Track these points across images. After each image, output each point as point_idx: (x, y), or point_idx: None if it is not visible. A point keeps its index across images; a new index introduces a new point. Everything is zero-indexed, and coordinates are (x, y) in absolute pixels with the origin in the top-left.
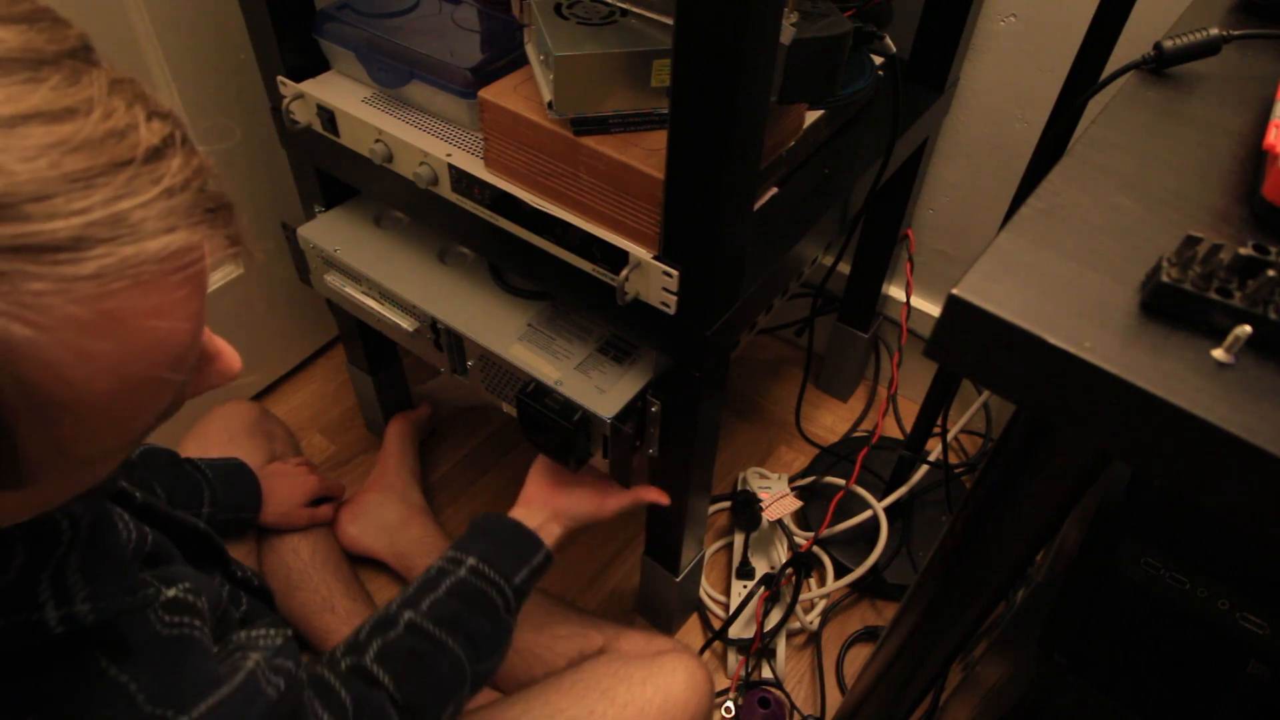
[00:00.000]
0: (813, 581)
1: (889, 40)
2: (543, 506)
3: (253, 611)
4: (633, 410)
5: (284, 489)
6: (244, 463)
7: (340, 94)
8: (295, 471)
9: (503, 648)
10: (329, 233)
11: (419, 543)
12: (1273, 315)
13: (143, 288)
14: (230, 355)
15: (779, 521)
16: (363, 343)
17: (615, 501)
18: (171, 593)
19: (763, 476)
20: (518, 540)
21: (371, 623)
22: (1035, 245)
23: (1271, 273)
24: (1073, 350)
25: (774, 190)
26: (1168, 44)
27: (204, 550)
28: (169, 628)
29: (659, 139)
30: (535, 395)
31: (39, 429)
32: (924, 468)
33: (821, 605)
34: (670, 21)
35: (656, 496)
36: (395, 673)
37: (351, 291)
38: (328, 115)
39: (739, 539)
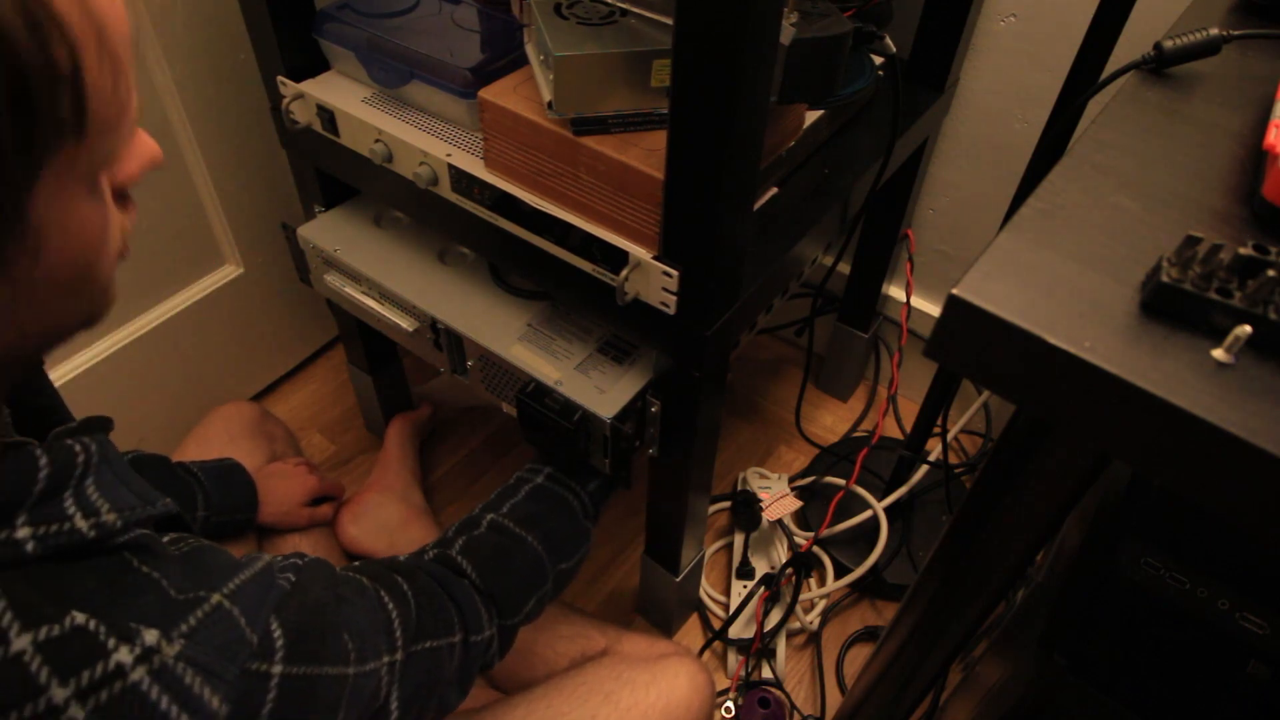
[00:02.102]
0: (813, 581)
1: (889, 40)
2: None
3: None
4: (633, 410)
5: (283, 488)
6: (238, 463)
7: (340, 94)
8: (295, 471)
9: (582, 549)
10: (329, 233)
11: (419, 543)
12: (1273, 315)
13: None
14: (147, 135)
15: (779, 521)
16: (363, 343)
17: None
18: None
19: (763, 476)
20: (578, 465)
21: (458, 524)
22: (1035, 245)
23: (1271, 273)
24: (1073, 350)
25: (774, 190)
26: (1168, 44)
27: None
28: (179, 546)
29: (659, 139)
30: (535, 395)
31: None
32: (924, 468)
33: (821, 605)
34: (670, 21)
35: None
36: (479, 563)
37: (351, 291)
38: (328, 115)
39: (739, 539)
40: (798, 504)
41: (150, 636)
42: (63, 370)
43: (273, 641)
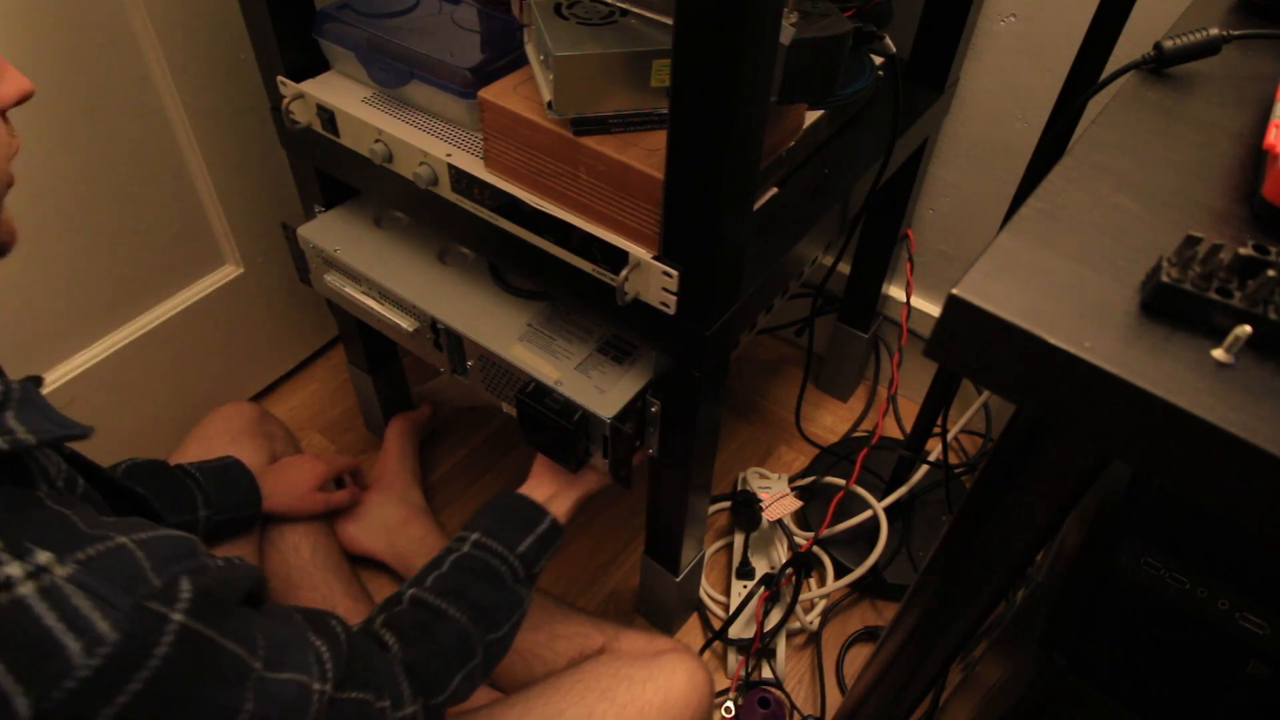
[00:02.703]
0: (813, 581)
1: (889, 40)
2: (552, 480)
3: None
4: (633, 410)
5: (291, 476)
6: (236, 460)
7: (340, 94)
8: (302, 459)
9: (515, 617)
10: (329, 233)
11: (419, 543)
12: (1273, 315)
13: None
14: (16, 70)
15: (779, 521)
16: (363, 343)
17: None
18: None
19: (763, 476)
20: (522, 511)
21: (381, 603)
22: (1035, 245)
23: (1271, 273)
24: (1073, 350)
25: (774, 190)
26: (1168, 44)
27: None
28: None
29: (659, 139)
30: (535, 395)
31: None
32: (924, 468)
33: (821, 605)
34: (670, 21)
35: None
36: (402, 637)
37: (351, 291)
38: (328, 115)
39: (739, 539)
40: (798, 504)
41: (44, 557)
42: (62, 370)
43: (177, 591)
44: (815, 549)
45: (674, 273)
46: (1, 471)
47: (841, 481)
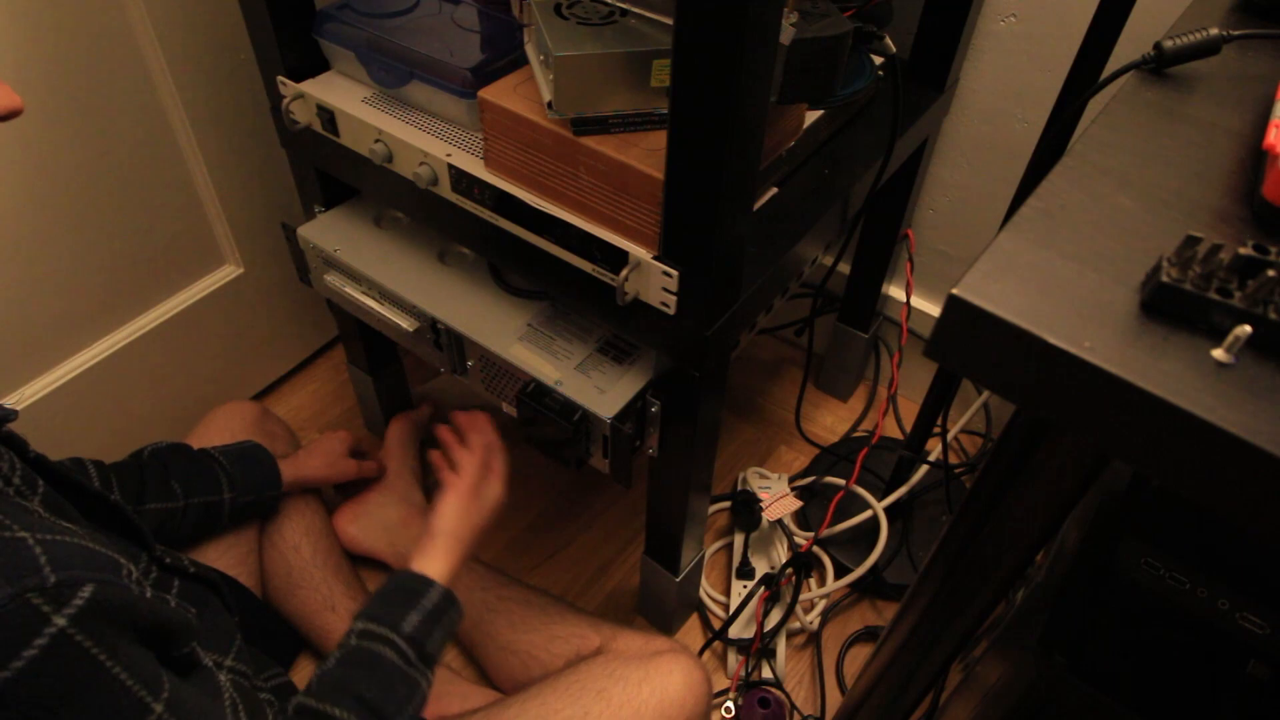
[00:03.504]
0: (813, 581)
1: (889, 40)
2: (440, 538)
3: (193, 598)
4: (633, 410)
5: (324, 444)
6: (257, 444)
7: (340, 94)
8: (328, 434)
9: (411, 704)
10: (329, 233)
11: (419, 542)
12: (1273, 315)
13: None
14: (7, 86)
15: (779, 521)
16: (363, 343)
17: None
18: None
19: (763, 476)
20: (405, 585)
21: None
22: (1035, 245)
23: (1271, 273)
24: (1073, 350)
25: (774, 190)
26: (1168, 44)
27: (119, 526)
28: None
29: (659, 139)
30: (535, 395)
31: None
32: (924, 468)
33: (821, 605)
34: (670, 21)
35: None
36: None
37: (351, 291)
38: (328, 115)
39: (739, 539)
40: (798, 504)
41: None
42: (62, 370)
43: (71, 596)
44: (815, 549)
45: (674, 273)
46: None
47: (841, 481)
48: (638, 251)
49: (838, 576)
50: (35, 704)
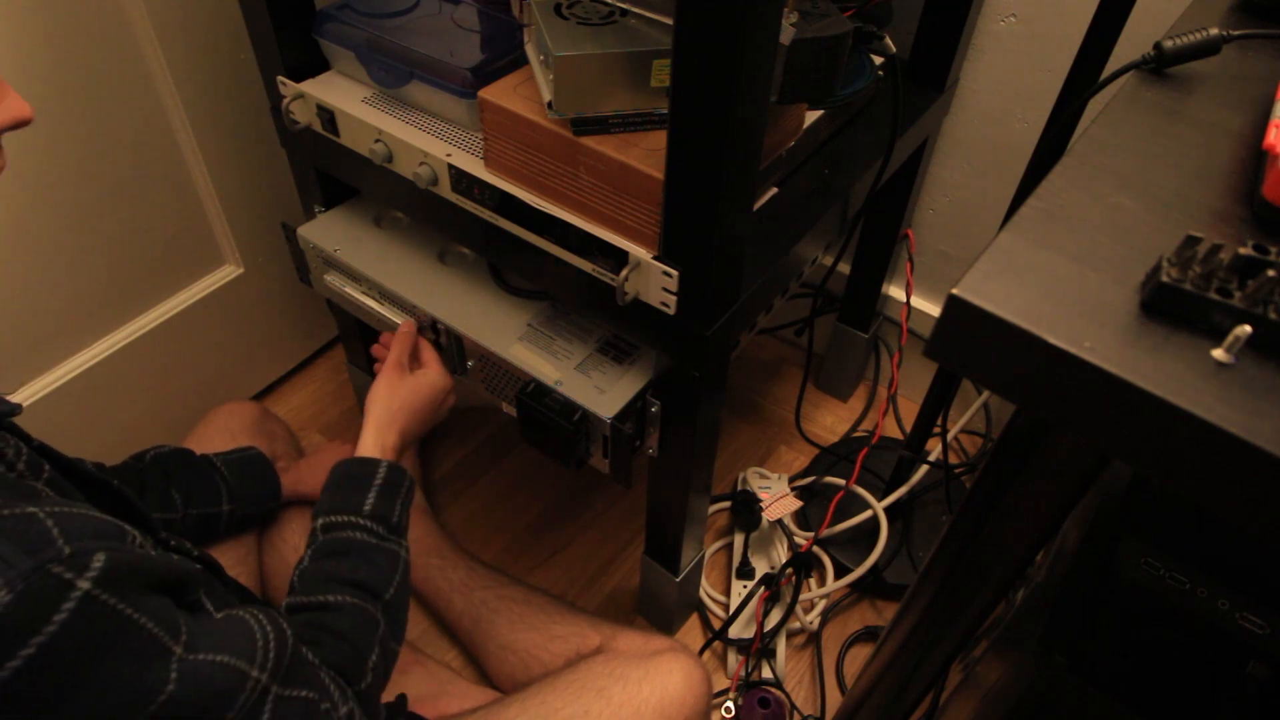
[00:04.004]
0: (813, 581)
1: (889, 40)
2: (372, 426)
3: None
4: (633, 410)
5: (324, 461)
6: (260, 452)
7: (340, 94)
8: (337, 445)
9: (398, 573)
10: (329, 233)
11: (418, 542)
12: (1273, 315)
13: None
14: (18, 95)
15: (779, 521)
16: (363, 343)
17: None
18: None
19: (763, 476)
20: (351, 472)
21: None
22: (1035, 245)
23: (1271, 273)
24: (1073, 350)
25: (774, 190)
26: (1168, 44)
27: (124, 512)
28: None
29: (659, 139)
30: (535, 395)
31: None
32: (924, 468)
33: (821, 605)
34: (670, 21)
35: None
36: (305, 643)
37: (351, 291)
38: (328, 115)
39: (739, 539)
40: (798, 504)
41: None
42: (63, 370)
43: (88, 561)
44: (815, 549)
45: (674, 273)
46: None
47: (841, 481)
48: (638, 251)
49: (838, 576)
50: (67, 670)
